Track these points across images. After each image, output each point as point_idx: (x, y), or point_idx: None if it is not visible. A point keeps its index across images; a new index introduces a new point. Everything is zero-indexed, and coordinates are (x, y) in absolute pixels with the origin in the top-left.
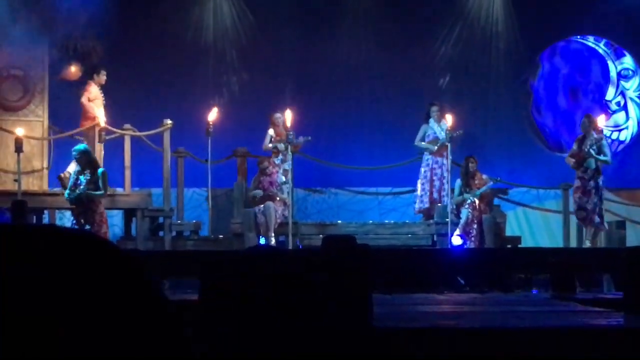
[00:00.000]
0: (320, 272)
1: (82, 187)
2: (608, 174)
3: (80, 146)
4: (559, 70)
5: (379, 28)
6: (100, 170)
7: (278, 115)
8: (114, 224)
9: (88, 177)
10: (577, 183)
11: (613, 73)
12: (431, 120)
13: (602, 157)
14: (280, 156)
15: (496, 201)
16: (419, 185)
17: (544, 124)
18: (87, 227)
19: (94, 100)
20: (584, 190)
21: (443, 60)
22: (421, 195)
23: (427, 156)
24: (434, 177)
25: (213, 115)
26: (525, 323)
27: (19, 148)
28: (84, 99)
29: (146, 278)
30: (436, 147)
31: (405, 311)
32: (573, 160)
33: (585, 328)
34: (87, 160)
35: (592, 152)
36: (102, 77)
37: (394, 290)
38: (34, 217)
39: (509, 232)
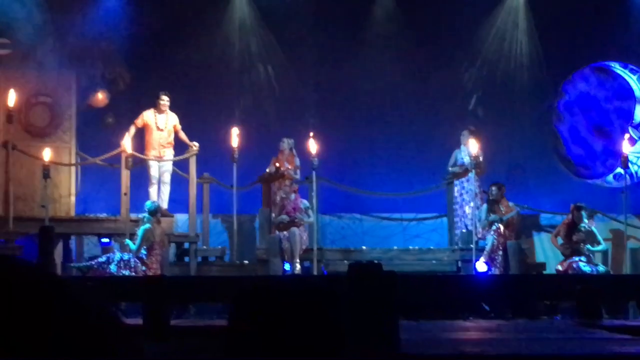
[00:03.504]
0: (347, 298)
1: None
2: (633, 199)
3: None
4: (577, 122)
5: (404, 53)
6: (142, 228)
7: (283, 139)
8: None
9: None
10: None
11: None
12: (462, 146)
13: (598, 248)
14: (287, 182)
15: (526, 228)
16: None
17: (574, 157)
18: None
19: (146, 126)
20: (569, 267)
21: (468, 86)
22: (456, 222)
23: (456, 182)
24: (463, 203)
25: (234, 136)
26: (552, 350)
27: (46, 174)
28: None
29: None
30: (459, 172)
31: (431, 338)
32: (565, 246)
33: (613, 355)
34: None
35: (589, 247)
36: (159, 102)
37: (419, 317)
38: (61, 242)
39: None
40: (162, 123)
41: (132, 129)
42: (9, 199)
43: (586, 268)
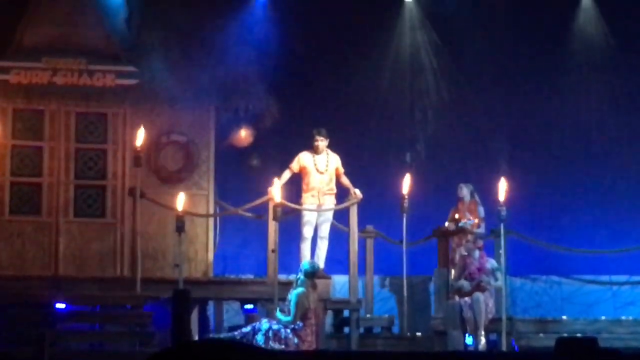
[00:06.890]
0: None
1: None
2: None
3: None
4: None
5: (611, 83)
6: (294, 292)
7: (461, 185)
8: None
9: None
10: None
11: None
12: None
13: None
14: (469, 236)
15: None
16: None
17: None
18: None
19: (304, 170)
20: None
21: None
22: None
23: None
24: None
25: (405, 182)
26: None
27: (180, 227)
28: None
29: None
30: None
31: None
32: None
33: None
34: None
35: None
36: (315, 143)
37: None
38: (197, 308)
39: None
40: (322, 165)
41: (286, 174)
42: (136, 256)
43: None
